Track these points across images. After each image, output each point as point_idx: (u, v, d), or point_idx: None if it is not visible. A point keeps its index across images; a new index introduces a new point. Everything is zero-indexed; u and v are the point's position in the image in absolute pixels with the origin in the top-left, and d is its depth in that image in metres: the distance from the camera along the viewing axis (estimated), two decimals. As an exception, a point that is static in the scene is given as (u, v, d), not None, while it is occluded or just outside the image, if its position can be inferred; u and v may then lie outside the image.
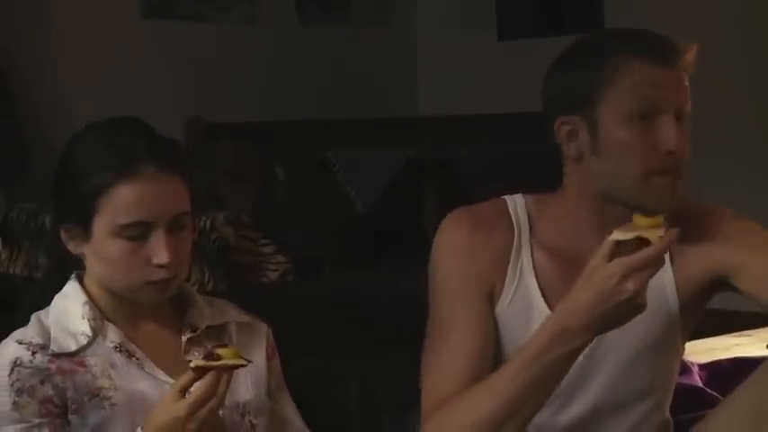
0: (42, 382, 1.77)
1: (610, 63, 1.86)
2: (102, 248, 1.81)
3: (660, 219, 1.72)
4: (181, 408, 1.69)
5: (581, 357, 1.81)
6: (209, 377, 1.69)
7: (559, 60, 1.94)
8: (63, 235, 1.86)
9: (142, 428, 1.74)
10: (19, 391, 1.76)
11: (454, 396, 1.83)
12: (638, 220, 1.73)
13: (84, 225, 1.82)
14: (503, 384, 1.78)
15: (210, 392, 1.69)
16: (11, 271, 3.79)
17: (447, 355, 1.89)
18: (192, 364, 1.70)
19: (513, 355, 1.81)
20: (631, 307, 1.71)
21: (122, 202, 1.79)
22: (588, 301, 1.71)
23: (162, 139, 1.87)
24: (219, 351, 1.71)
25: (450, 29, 6.44)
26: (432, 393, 1.88)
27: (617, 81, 1.85)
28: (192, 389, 1.71)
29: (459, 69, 6.40)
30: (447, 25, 6.46)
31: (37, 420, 1.76)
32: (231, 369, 1.71)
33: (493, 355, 1.91)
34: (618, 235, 1.71)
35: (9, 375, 1.76)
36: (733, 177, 5.29)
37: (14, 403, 1.75)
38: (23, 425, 1.75)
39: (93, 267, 1.86)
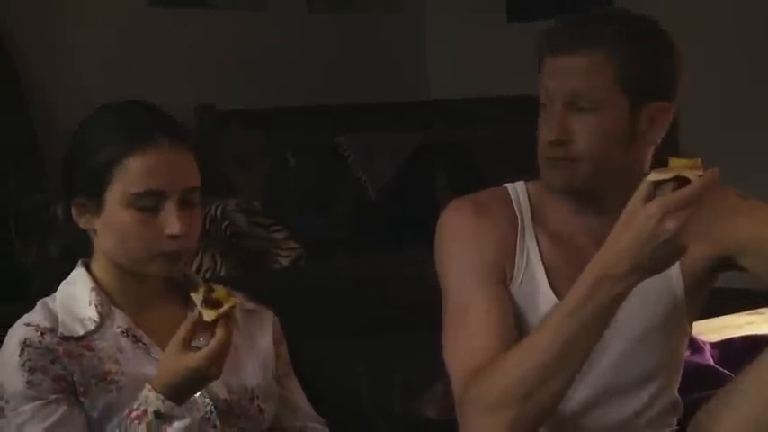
0: (53, 362, 1.78)
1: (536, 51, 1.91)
2: (114, 219, 1.83)
3: (698, 160, 1.69)
4: (199, 358, 1.73)
5: None
6: (222, 326, 1.74)
7: None
8: (74, 212, 1.87)
9: (150, 387, 1.75)
10: (31, 370, 1.77)
11: (493, 361, 1.80)
12: (675, 161, 1.69)
13: (96, 197, 1.83)
14: (546, 339, 1.76)
15: (229, 336, 1.74)
16: (24, 261, 3.80)
17: (472, 329, 1.87)
18: (207, 318, 1.74)
19: (553, 309, 1.79)
20: (672, 248, 1.68)
21: (136, 171, 1.81)
22: (628, 244, 1.68)
23: (174, 119, 1.89)
24: (216, 296, 1.76)
25: (459, 11, 6.42)
26: (463, 367, 1.86)
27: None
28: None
29: (469, 52, 6.39)
30: (456, 8, 6.44)
31: (53, 396, 1.77)
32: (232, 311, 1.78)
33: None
34: (655, 176, 1.68)
35: (20, 356, 1.77)
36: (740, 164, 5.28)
37: (28, 382, 1.76)
38: (40, 402, 1.76)
39: (104, 242, 1.86)
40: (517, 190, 1.98)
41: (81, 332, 1.83)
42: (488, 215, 1.94)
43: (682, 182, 1.67)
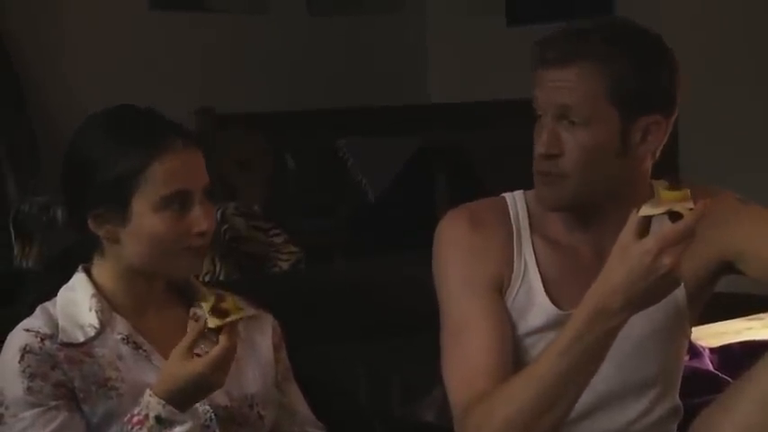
0: (53, 368, 1.78)
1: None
2: (143, 226, 1.83)
3: (687, 191, 1.70)
4: (204, 363, 1.73)
5: None
6: (226, 333, 1.75)
7: None
8: (92, 223, 1.86)
9: (152, 393, 1.75)
10: (32, 376, 1.77)
11: (492, 389, 1.81)
12: (665, 194, 1.70)
13: (121, 208, 1.84)
14: (543, 371, 1.76)
15: (233, 344, 1.75)
16: (24, 265, 3.79)
17: (470, 349, 1.87)
18: (211, 325, 1.74)
19: (550, 344, 1.79)
20: (669, 282, 1.69)
21: (161, 176, 1.82)
22: (625, 280, 1.68)
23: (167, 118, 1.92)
24: (225, 306, 1.76)
25: (460, 15, 6.43)
26: (462, 388, 1.86)
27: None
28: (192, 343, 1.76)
29: (470, 56, 6.39)
30: (456, 11, 6.45)
31: (53, 403, 1.77)
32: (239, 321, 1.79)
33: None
34: (647, 210, 1.68)
35: (20, 362, 1.77)
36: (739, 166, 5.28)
37: (28, 388, 1.76)
38: (40, 408, 1.76)
39: (131, 249, 1.85)
40: (515, 199, 1.98)
41: (81, 339, 1.83)
42: (484, 226, 1.94)
43: (672, 215, 1.68)
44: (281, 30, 6.06)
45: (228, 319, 1.75)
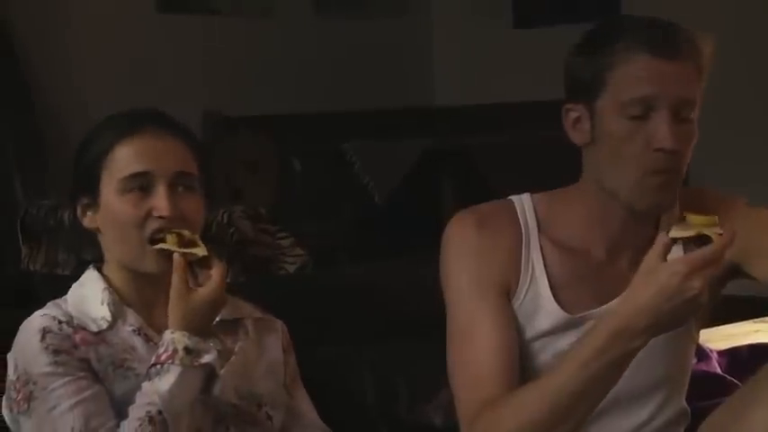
0: (74, 347, 1.80)
1: (612, 52, 1.83)
2: (110, 211, 1.85)
3: (715, 217, 1.70)
4: (214, 289, 1.78)
5: None
6: (218, 266, 1.80)
7: (574, 47, 1.92)
8: (79, 212, 1.89)
9: (174, 330, 1.78)
10: (56, 352, 1.78)
11: (500, 395, 1.80)
12: (693, 218, 1.70)
13: (94, 193, 1.86)
14: (559, 384, 1.75)
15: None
16: (30, 267, 3.79)
17: (477, 352, 1.87)
18: (203, 254, 1.79)
19: (567, 356, 1.78)
20: (694, 305, 1.69)
21: (123, 157, 1.84)
22: (649, 301, 1.68)
23: (164, 113, 1.92)
24: (187, 237, 1.81)
25: (466, 17, 6.43)
26: (468, 391, 1.86)
27: (616, 71, 1.82)
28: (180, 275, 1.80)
29: (476, 58, 6.39)
30: (462, 13, 6.44)
31: (82, 373, 1.78)
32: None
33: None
34: (676, 233, 1.69)
35: (41, 341, 1.79)
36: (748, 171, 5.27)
37: (54, 362, 1.77)
38: (69, 378, 1.77)
39: (107, 240, 1.88)
40: (523, 202, 1.97)
41: (95, 330, 1.85)
42: (492, 228, 1.93)
43: (700, 239, 1.68)
44: (287, 32, 6.07)
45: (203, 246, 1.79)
